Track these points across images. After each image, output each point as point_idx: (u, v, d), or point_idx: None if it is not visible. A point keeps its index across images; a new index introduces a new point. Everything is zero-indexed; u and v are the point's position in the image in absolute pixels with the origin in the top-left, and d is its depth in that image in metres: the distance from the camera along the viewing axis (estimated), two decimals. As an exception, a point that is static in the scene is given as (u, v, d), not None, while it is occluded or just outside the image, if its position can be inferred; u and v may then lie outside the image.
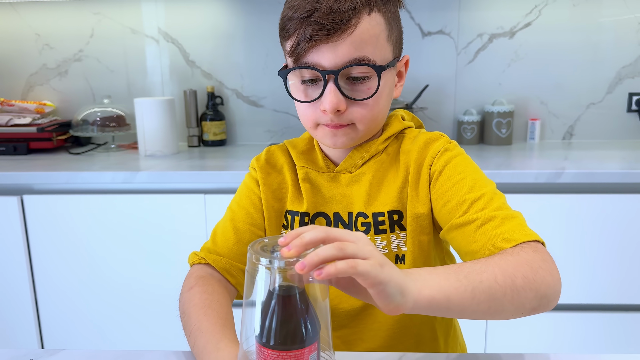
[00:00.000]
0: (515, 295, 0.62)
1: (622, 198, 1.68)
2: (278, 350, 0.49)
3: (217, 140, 2.19)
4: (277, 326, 0.49)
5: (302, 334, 0.49)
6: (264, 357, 0.49)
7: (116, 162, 1.91)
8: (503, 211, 0.74)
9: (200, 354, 0.68)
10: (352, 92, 0.75)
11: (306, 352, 0.49)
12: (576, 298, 1.75)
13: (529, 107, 2.21)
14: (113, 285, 1.82)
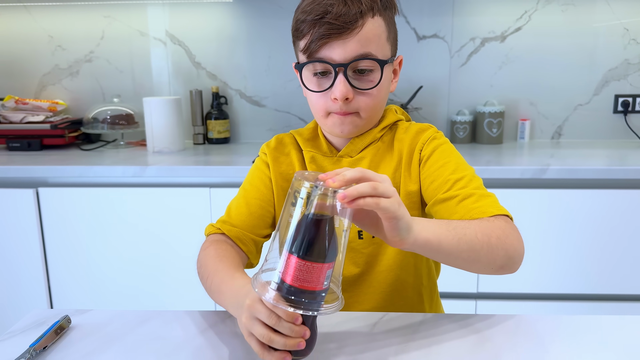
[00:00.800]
0: (490, 251, 0.75)
1: (604, 193, 1.78)
2: (304, 260, 0.60)
3: (221, 138, 2.29)
4: (308, 241, 0.60)
5: (325, 252, 0.60)
6: (290, 264, 0.60)
7: (125, 158, 2.01)
8: (480, 190, 0.86)
9: (218, 287, 0.80)
10: (358, 83, 0.87)
11: (325, 267, 0.60)
12: (553, 288, 1.85)
13: (519, 108, 2.31)
14: (124, 272, 1.92)
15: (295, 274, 0.60)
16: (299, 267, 0.60)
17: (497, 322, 0.82)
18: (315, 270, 0.60)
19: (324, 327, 0.80)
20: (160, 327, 0.81)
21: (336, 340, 0.77)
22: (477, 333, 0.79)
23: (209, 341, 0.77)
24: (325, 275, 0.61)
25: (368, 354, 0.73)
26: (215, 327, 0.81)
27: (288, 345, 0.62)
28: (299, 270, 0.60)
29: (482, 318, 0.83)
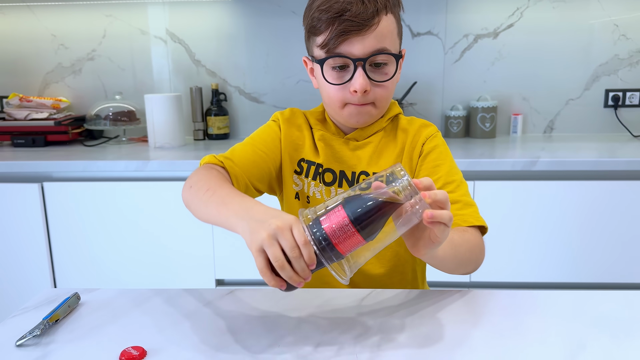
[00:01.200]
0: (468, 264, 0.90)
1: (594, 185, 1.84)
2: (353, 225, 0.64)
3: (220, 133, 2.35)
4: (367, 213, 0.64)
5: (372, 232, 0.66)
6: (337, 218, 0.64)
7: (127, 153, 2.07)
8: (466, 197, 0.96)
9: (222, 199, 0.80)
10: (374, 75, 0.94)
11: (361, 243, 0.65)
12: (544, 277, 1.91)
13: (511, 103, 2.37)
14: (126, 263, 1.98)
15: (335, 228, 0.64)
16: (343, 227, 0.64)
17: (479, 297, 0.87)
18: (353, 239, 0.64)
19: (316, 302, 0.86)
20: (164, 303, 0.87)
21: (327, 315, 0.82)
22: (462, 307, 0.84)
23: (209, 315, 0.82)
24: (355, 249, 0.66)
25: (354, 330, 0.78)
26: (215, 303, 0.87)
27: (291, 279, 0.66)
28: (341, 229, 0.64)
29: (465, 293, 0.89)
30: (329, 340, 0.74)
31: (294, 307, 0.85)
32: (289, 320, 0.81)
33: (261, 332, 0.77)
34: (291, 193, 1.04)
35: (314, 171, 1.03)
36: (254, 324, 0.79)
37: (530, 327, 0.78)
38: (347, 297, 0.89)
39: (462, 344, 0.73)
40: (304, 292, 0.91)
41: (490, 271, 1.92)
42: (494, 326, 0.78)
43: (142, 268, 1.98)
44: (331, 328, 0.78)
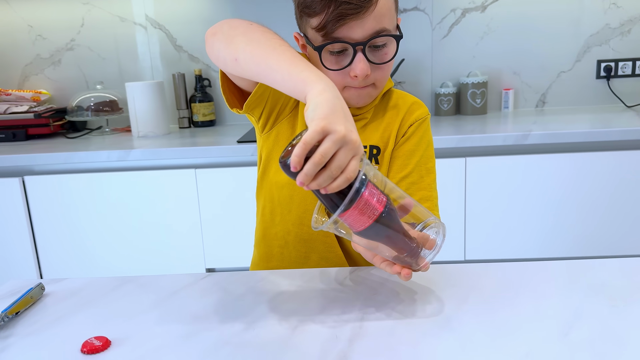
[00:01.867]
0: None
1: (587, 156, 1.79)
2: (374, 220, 0.65)
3: (206, 120, 2.29)
4: (389, 229, 0.68)
5: (377, 236, 0.68)
6: (374, 205, 0.65)
7: (111, 143, 2.01)
8: (427, 192, 0.97)
9: (280, 45, 0.73)
10: (374, 57, 0.89)
11: (363, 228, 0.66)
12: (539, 252, 1.87)
13: (502, 78, 2.32)
14: (112, 254, 1.94)
15: (366, 202, 0.64)
16: (370, 209, 0.65)
17: (470, 270, 0.83)
18: (362, 220, 0.65)
19: (296, 283, 0.82)
20: (134, 291, 0.82)
21: (307, 295, 0.78)
22: (452, 282, 0.80)
23: (181, 301, 0.78)
24: (354, 224, 0.66)
25: (336, 309, 0.74)
26: (189, 288, 0.82)
27: (308, 174, 0.60)
28: (367, 207, 0.64)
29: (456, 268, 0.84)
30: (309, 322, 0.70)
31: (271, 288, 0.81)
32: (267, 302, 0.76)
33: (236, 315, 0.73)
34: (282, 142, 0.98)
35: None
36: (228, 308, 0.75)
37: (524, 299, 0.74)
38: (329, 275, 0.84)
39: (451, 319, 0.69)
40: (282, 273, 0.87)
41: (484, 249, 1.88)
42: (485, 300, 0.74)
43: (130, 260, 1.94)
44: (311, 308, 0.74)
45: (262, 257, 1.06)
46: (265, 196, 1.02)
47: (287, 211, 0.99)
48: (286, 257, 1.02)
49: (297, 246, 1.01)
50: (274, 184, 0.99)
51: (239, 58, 0.76)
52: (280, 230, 1.01)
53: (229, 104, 0.93)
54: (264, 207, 1.03)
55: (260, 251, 1.06)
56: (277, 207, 1.00)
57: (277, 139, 0.98)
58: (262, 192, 1.03)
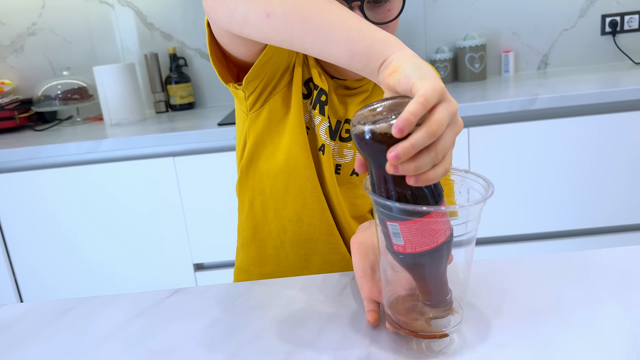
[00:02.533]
0: None
1: (599, 119, 1.65)
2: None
3: (185, 103, 2.12)
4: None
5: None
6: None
7: (82, 134, 1.85)
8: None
9: (353, 14, 0.56)
10: (375, 15, 0.74)
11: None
12: (550, 226, 1.73)
13: (501, 39, 2.15)
14: (88, 253, 1.79)
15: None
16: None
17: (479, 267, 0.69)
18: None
19: (282, 302, 0.67)
20: (81, 319, 0.68)
21: (300, 314, 0.64)
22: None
23: (138, 331, 0.63)
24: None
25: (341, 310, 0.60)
26: (148, 314, 0.67)
27: (428, 158, 0.45)
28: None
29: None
30: (300, 353, 0.56)
31: (254, 305, 0.66)
32: (247, 326, 0.62)
33: (208, 348, 0.58)
34: (296, 120, 0.80)
35: (317, 96, 0.81)
36: (199, 338, 0.60)
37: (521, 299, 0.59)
38: (331, 282, 0.70)
39: (487, 336, 0.55)
40: (269, 283, 0.72)
41: (491, 225, 1.74)
42: (524, 310, 0.59)
43: (110, 261, 1.79)
44: (305, 333, 0.59)
45: (252, 261, 0.91)
46: (254, 188, 0.86)
47: (282, 205, 0.84)
48: (283, 260, 0.87)
49: (295, 247, 0.86)
50: (265, 173, 0.83)
51: (275, 13, 0.57)
52: (274, 228, 0.86)
53: (222, 77, 0.76)
54: (253, 201, 0.87)
55: (251, 254, 0.91)
56: (269, 200, 0.85)
57: (268, 118, 0.82)
58: (249, 183, 0.87)
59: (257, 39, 0.61)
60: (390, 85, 0.49)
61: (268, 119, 0.81)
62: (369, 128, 0.46)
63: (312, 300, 0.66)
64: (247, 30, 0.61)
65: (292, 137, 0.80)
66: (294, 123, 0.80)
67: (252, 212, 0.88)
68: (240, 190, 0.90)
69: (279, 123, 0.81)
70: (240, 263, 0.94)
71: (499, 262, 0.70)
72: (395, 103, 0.48)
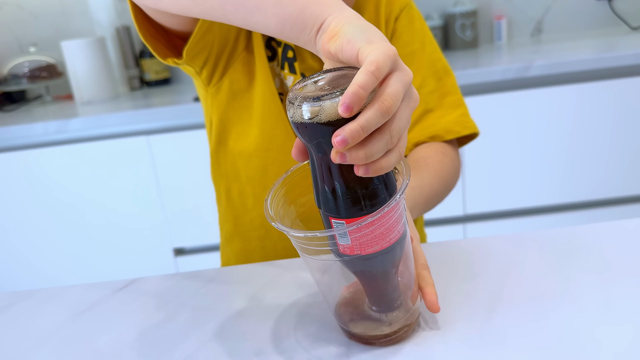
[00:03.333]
0: (436, 200, 0.73)
1: (595, 86, 1.56)
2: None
3: (160, 79, 2.01)
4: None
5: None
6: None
7: (51, 114, 1.74)
8: (452, 96, 0.75)
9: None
10: None
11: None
12: (547, 199, 1.66)
13: (492, 5, 2.05)
14: (59, 240, 1.69)
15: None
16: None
17: (477, 245, 0.60)
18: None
19: (259, 282, 0.58)
20: (22, 315, 0.59)
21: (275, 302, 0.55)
22: (451, 260, 0.57)
23: (82, 329, 0.54)
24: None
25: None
26: (95, 309, 0.58)
27: (382, 142, 0.37)
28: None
29: (452, 245, 0.61)
30: (270, 351, 0.47)
31: (220, 295, 0.57)
32: (210, 321, 0.53)
33: (162, 348, 0.49)
34: (265, 87, 0.71)
35: (282, 57, 0.71)
36: (152, 337, 0.52)
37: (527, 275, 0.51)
38: (303, 269, 0.61)
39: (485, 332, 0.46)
40: (240, 269, 0.63)
41: (487, 201, 1.66)
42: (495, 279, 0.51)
43: (82, 245, 1.69)
44: (278, 327, 0.51)
45: (238, 256, 0.81)
46: (228, 174, 0.76)
47: (262, 189, 0.74)
48: (270, 251, 0.78)
49: (282, 236, 0.76)
50: (238, 155, 0.73)
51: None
52: (256, 216, 0.76)
53: (159, 53, 0.65)
54: (229, 189, 0.77)
55: (236, 248, 0.81)
56: (246, 185, 0.75)
57: (231, 90, 0.72)
58: (222, 169, 0.78)
59: (176, 12, 0.52)
60: (332, 52, 0.40)
61: (230, 91, 0.71)
62: (308, 107, 0.37)
63: (287, 288, 0.58)
64: (164, 4, 0.52)
65: (263, 108, 0.71)
66: (262, 91, 0.70)
67: (231, 202, 0.79)
68: (215, 178, 0.81)
69: (245, 94, 0.72)
70: (227, 261, 0.85)
71: (497, 239, 0.62)
72: (340, 75, 0.39)
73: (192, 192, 1.63)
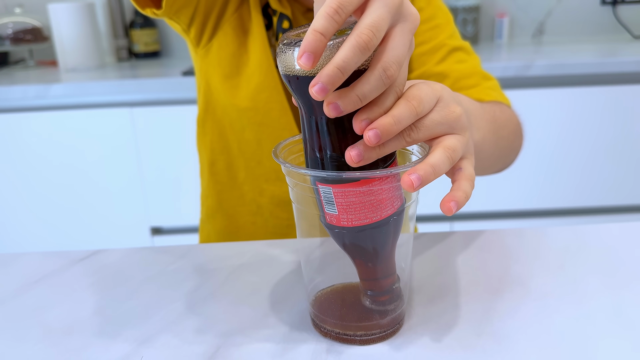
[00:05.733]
0: (509, 154, 0.67)
1: (596, 91, 1.53)
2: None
3: (149, 51, 1.94)
4: None
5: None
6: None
7: (33, 78, 1.66)
8: (481, 71, 0.70)
9: None
10: None
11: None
12: (540, 203, 1.62)
13: (496, 2, 2.00)
14: (30, 210, 1.62)
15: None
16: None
17: (462, 239, 0.56)
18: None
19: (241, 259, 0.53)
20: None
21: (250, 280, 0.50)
22: (441, 252, 0.52)
23: (37, 299, 0.49)
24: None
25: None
26: (55, 277, 0.53)
27: (375, 81, 0.32)
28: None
29: (444, 236, 0.57)
30: (236, 340, 0.42)
31: (191, 271, 0.52)
32: (174, 301, 0.48)
33: (114, 326, 0.44)
34: (261, 57, 0.66)
35: (277, 27, 0.66)
36: (109, 313, 0.46)
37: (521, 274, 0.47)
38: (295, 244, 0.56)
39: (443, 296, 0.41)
40: (215, 247, 0.58)
41: (477, 199, 1.62)
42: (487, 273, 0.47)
43: (53, 217, 1.62)
44: (249, 312, 0.45)
45: (221, 233, 0.76)
46: (214, 145, 0.71)
47: (256, 163, 0.69)
48: (260, 229, 0.73)
49: (275, 211, 0.71)
50: (228, 126, 0.68)
51: None
52: (248, 190, 0.71)
53: (138, 1, 0.59)
54: (214, 162, 0.72)
55: (218, 226, 0.76)
56: (237, 158, 0.70)
57: (219, 56, 0.66)
58: (207, 139, 0.72)
59: None
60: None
61: (219, 57, 0.66)
62: (283, 47, 0.33)
63: (267, 270, 0.52)
64: None
65: (259, 79, 0.65)
66: (259, 61, 0.65)
67: (214, 176, 0.73)
68: (200, 148, 0.75)
69: (237, 62, 0.66)
70: (206, 238, 0.79)
71: (498, 233, 0.57)
72: None
73: (174, 169, 1.56)
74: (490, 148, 0.55)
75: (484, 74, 0.69)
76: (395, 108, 0.34)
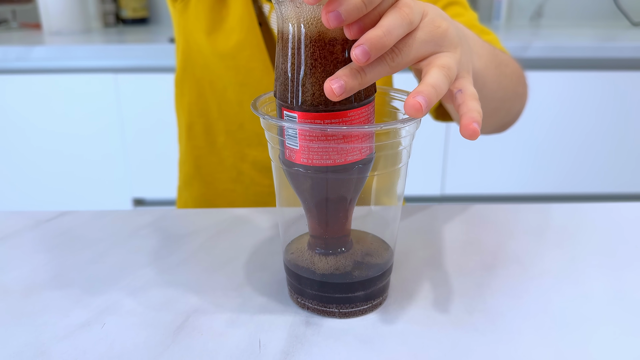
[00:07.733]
0: (514, 101, 0.65)
1: (594, 76, 1.50)
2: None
3: (137, 18, 1.87)
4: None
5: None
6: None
7: (15, 39, 1.59)
8: (479, 25, 0.67)
9: None
10: None
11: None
12: (533, 187, 1.60)
13: (495, -18, 1.96)
14: (6, 175, 1.57)
15: None
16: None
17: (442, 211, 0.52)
18: None
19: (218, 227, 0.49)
20: None
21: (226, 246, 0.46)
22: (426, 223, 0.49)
23: (0, 253, 0.45)
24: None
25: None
26: (17, 237, 0.49)
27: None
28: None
29: (434, 209, 0.53)
30: (202, 312, 0.38)
31: (163, 240, 0.48)
32: (146, 267, 0.44)
33: (75, 292, 0.41)
34: (243, 13, 0.62)
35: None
36: (71, 277, 0.43)
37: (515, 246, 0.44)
38: (269, 216, 0.52)
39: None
40: (190, 213, 0.54)
41: (467, 181, 1.60)
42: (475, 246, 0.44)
43: (31, 184, 1.57)
44: (214, 284, 0.42)
45: (198, 201, 0.72)
46: (192, 107, 0.67)
47: (237, 126, 0.65)
48: (240, 196, 0.69)
49: (258, 177, 0.68)
50: (209, 86, 0.64)
51: None
52: (229, 155, 0.67)
53: None
54: (191, 126, 0.68)
55: (195, 193, 0.73)
56: (217, 122, 0.66)
57: (197, 9, 0.62)
58: (185, 101, 0.68)
59: None
60: None
61: (197, 10, 0.62)
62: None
63: (244, 238, 0.49)
64: None
65: (239, 35, 0.61)
66: (240, 16, 0.61)
67: (192, 140, 0.69)
68: (178, 111, 0.71)
69: (216, 15, 0.62)
70: (184, 206, 0.76)
71: (494, 208, 0.54)
72: None
73: (159, 139, 1.52)
74: (493, 83, 0.51)
75: (482, 28, 0.66)
76: (384, 18, 0.30)
